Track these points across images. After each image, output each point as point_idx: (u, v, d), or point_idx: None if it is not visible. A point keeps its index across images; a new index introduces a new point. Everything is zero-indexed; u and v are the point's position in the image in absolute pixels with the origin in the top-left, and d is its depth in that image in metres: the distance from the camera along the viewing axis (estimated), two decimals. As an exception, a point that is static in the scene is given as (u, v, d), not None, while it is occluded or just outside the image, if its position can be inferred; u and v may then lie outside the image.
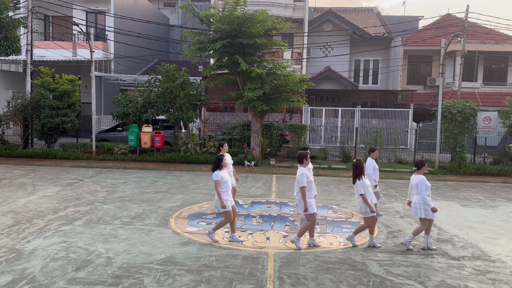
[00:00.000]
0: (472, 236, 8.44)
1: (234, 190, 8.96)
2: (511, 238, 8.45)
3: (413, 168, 7.62)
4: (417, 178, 7.44)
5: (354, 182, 7.52)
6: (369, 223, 7.52)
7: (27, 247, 6.99)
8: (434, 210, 7.28)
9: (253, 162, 16.52)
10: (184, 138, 17.89)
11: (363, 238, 8.05)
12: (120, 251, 6.92)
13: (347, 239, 7.75)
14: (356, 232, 7.68)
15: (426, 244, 7.53)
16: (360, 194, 7.37)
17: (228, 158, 8.87)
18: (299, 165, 7.55)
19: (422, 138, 20.94)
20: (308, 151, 7.83)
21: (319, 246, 7.47)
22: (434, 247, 7.56)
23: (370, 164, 9.31)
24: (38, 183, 12.42)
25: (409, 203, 7.67)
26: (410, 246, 7.49)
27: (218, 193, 7.26)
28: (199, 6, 35.86)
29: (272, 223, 8.93)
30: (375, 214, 7.57)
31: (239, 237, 7.74)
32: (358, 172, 7.48)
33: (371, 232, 7.61)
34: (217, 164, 7.41)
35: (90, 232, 7.88)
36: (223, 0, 17.10)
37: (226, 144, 9.34)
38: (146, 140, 17.50)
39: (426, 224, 7.44)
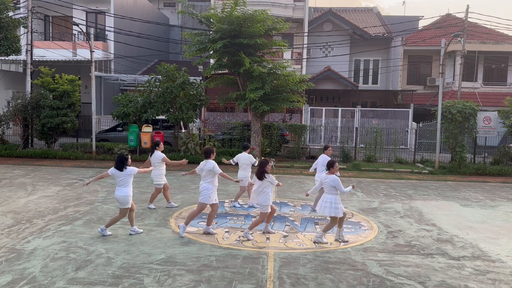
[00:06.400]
0: (472, 236, 8.44)
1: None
2: (511, 238, 8.45)
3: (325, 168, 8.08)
4: (329, 178, 7.61)
5: (261, 179, 7.67)
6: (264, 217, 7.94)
7: (27, 247, 6.99)
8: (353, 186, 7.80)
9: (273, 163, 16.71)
10: (184, 138, 17.89)
11: (363, 238, 8.06)
12: (120, 251, 6.92)
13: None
14: (251, 227, 7.93)
15: (338, 236, 7.87)
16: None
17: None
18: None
19: (422, 138, 20.94)
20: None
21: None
22: (346, 239, 7.86)
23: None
24: (38, 183, 12.42)
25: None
26: (325, 239, 7.75)
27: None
28: (199, 6, 35.87)
29: (272, 223, 8.92)
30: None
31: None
32: (262, 169, 7.72)
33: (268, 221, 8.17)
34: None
35: (90, 232, 7.88)
36: (223, 1, 17.09)
37: (162, 143, 10.16)
38: (146, 140, 17.50)
39: (336, 221, 7.72)
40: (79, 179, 13.24)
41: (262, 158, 8.09)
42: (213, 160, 7.95)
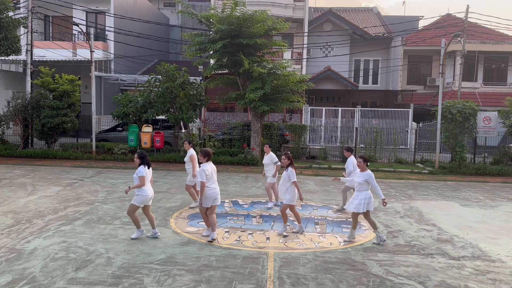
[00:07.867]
0: (472, 236, 8.44)
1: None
2: (511, 238, 8.45)
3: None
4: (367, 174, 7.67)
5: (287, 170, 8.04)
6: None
7: (27, 247, 6.99)
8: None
9: None
10: (184, 138, 17.89)
11: (363, 238, 8.06)
12: (120, 251, 6.92)
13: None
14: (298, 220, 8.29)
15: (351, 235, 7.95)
16: (293, 182, 7.97)
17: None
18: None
19: (422, 138, 20.95)
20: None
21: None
22: (348, 239, 7.84)
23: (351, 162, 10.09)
24: (38, 183, 12.42)
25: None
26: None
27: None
28: (199, 6, 35.89)
29: (272, 223, 8.93)
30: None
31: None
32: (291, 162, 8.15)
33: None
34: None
35: (90, 232, 7.88)
36: (223, 1, 17.08)
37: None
38: (146, 140, 17.50)
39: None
40: (79, 179, 13.25)
41: (285, 152, 8.30)
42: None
